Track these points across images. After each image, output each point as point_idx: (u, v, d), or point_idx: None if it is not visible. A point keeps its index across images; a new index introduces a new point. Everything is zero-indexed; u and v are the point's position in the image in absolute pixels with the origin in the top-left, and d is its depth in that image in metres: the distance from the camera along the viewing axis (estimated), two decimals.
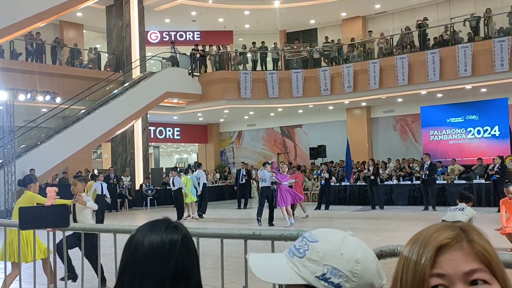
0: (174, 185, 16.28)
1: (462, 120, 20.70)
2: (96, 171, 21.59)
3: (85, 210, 6.58)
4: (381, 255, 2.04)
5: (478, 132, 20.31)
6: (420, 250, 0.91)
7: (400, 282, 0.91)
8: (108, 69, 23.12)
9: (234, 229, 3.35)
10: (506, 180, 15.54)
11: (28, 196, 6.51)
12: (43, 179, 18.30)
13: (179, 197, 16.27)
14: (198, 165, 18.64)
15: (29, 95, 17.97)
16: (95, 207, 6.76)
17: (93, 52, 23.56)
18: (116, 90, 21.83)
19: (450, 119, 21.01)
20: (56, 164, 19.01)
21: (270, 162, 14.41)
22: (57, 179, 19.67)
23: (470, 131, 20.51)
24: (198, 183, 16.63)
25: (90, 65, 22.96)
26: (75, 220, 6.54)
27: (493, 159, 17.26)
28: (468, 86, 19.75)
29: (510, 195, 8.57)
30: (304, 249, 1.09)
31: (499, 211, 9.55)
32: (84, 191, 6.95)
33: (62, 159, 19.11)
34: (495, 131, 19.94)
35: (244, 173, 20.60)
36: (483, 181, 17.11)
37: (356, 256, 1.06)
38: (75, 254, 4.13)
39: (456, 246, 0.89)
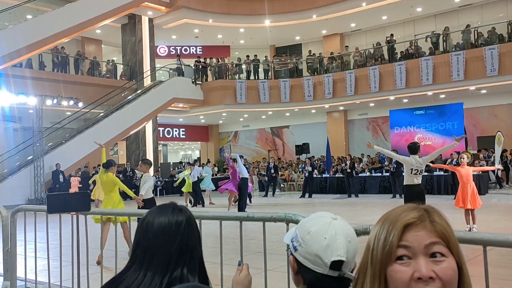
0: (193, 177, 16.16)
1: (425, 121, 20.76)
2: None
3: (146, 186, 7.57)
4: (356, 233, 2.04)
5: (438, 131, 20.39)
6: (389, 226, 0.92)
7: (372, 252, 0.92)
8: (123, 78, 23.03)
9: (231, 213, 3.36)
10: None
11: (109, 177, 7.36)
12: (67, 173, 18.24)
13: (197, 187, 16.22)
14: (194, 161, 18.62)
15: (55, 101, 17.88)
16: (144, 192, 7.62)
17: (110, 63, 23.46)
18: (130, 96, 21.75)
19: (414, 120, 21.06)
20: (78, 159, 18.94)
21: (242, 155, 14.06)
22: (80, 172, 19.58)
23: (431, 130, 20.59)
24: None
25: (108, 75, 22.86)
26: (138, 193, 7.72)
27: (451, 154, 17.34)
28: (430, 93, 19.85)
29: (462, 159, 8.52)
30: None
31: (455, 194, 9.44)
32: (148, 171, 7.87)
33: (84, 155, 19.03)
34: (452, 130, 20.01)
35: None
36: (442, 173, 17.19)
37: (310, 229, 1.14)
38: (92, 237, 4.11)
39: (420, 225, 0.91)
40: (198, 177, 16.28)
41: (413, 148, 7.39)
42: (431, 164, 8.54)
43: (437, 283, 0.86)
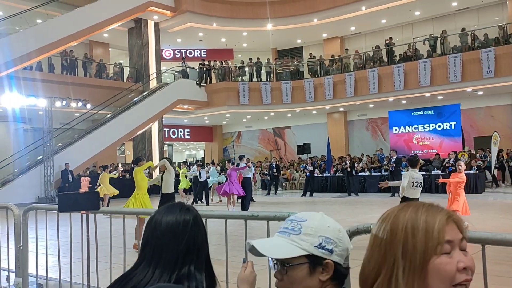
0: (200, 177, 16.16)
1: (423, 122, 20.76)
2: (118, 165, 21.49)
3: (170, 181, 7.93)
4: (357, 232, 2.04)
5: (435, 131, 20.37)
6: (428, 219, 0.92)
7: (405, 245, 0.91)
8: (130, 80, 23.06)
9: (236, 212, 3.36)
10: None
11: (137, 168, 7.95)
12: (76, 172, 18.28)
13: (205, 185, 16.24)
14: (196, 161, 18.66)
15: (64, 102, 17.94)
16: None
17: (117, 66, 23.50)
18: (137, 98, 21.78)
19: (412, 120, 21.06)
20: (87, 159, 18.98)
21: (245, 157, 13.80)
22: (88, 172, 19.63)
23: (429, 130, 20.57)
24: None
25: (115, 77, 22.90)
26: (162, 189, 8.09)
27: (449, 154, 17.33)
28: (428, 94, 19.81)
29: (460, 167, 8.52)
30: (298, 227, 1.14)
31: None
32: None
33: (92, 155, 19.07)
34: (449, 130, 20.01)
35: None
36: (440, 172, 17.16)
37: (337, 227, 1.15)
38: (104, 233, 4.12)
39: (450, 221, 0.94)
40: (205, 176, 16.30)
41: (413, 162, 7.41)
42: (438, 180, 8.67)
43: (470, 273, 0.91)
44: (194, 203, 15.74)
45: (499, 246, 1.78)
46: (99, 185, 14.81)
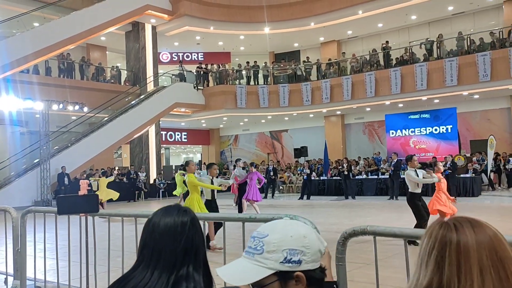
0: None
1: (419, 125, 20.81)
2: (114, 167, 21.41)
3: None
4: (353, 233, 2.05)
5: (432, 135, 20.44)
6: None
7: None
8: (127, 83, 23.05)
9: (233, 214, 3.39)
10: (456, 175, 15.66)
11: (189, 177, 7.81)
12: (73, 175, 18.24)
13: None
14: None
15: (61, 105, 17.91)
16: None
17: (115, 69, 23.49)
18: (134, 101, 21.78)
19: (409, 124, 21.12)
20: (84, 162, 18.94)
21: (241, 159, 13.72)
22: (85, 175, 19.58)
23: (426, 134, 20.64)
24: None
25: (112, 80, 22.89)
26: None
27: (445, 157, 17.36)
28: (424, 98, 19.87)
29: (437, 167, 8.79)
30: (260, 245, 1.09)
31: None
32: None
33: (89, 158, 19.04)
34: (446, 134, 20.07)
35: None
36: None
37: (302, 232, 1.09)
38: (102, 236, 4.11)
39: None
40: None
41: (406, 160, 8.04)
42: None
43: None
44: None
45: None
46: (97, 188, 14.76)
